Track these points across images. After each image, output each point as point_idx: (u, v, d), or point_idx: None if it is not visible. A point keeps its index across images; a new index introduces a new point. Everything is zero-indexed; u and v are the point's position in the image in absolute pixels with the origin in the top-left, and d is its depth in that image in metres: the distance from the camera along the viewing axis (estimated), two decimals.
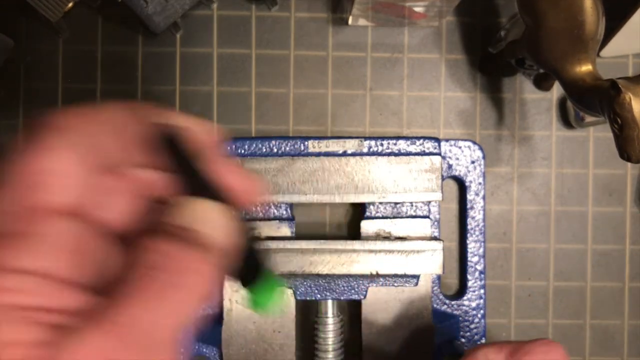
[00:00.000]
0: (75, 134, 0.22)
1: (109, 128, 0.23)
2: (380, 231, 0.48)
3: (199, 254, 0.21)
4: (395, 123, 0.51)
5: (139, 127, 0.23)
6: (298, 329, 0.50)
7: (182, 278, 0.21)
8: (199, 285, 0.21)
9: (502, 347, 0.37)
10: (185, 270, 0.21)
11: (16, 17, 0.50)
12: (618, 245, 0.52)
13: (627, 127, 0.35)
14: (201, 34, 0.51)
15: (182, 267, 0.21)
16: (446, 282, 0.52)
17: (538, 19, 0.40)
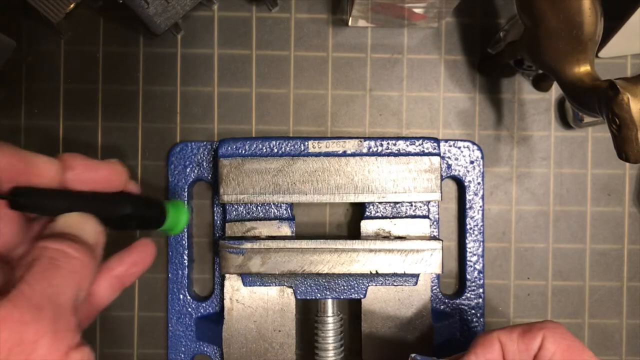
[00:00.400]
0: None
1: None
2: (380, 231, 0.49)
3: (75, 246, 0.29)
4: (394, 123, 0.52)
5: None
6: (298, 328, 0.51)
7: (67, 261, 0.28)
8: (80, 267, 0.28)
9: (513, 330, 0.38)
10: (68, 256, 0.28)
11: (18, 17, 0.50)
12: (616, 245, 0.52)
13: (625, 127, 0.35)
14: (202, 34, 0.51)
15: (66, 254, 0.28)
16: (445, 281, 0.52)
17: (537, 19, 0.40)
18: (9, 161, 0.29)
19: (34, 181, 0.30)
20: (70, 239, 0.29)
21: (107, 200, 0.34)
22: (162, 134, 0.51)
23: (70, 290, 0.28)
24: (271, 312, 0.48)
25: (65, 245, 0.28)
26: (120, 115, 0.51)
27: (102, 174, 0.33)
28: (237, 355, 0.48)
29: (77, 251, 0.29)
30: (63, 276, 0.27)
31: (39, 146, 0.51)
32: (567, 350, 0.37)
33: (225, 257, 0.46)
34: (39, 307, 0.26)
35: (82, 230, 0.31)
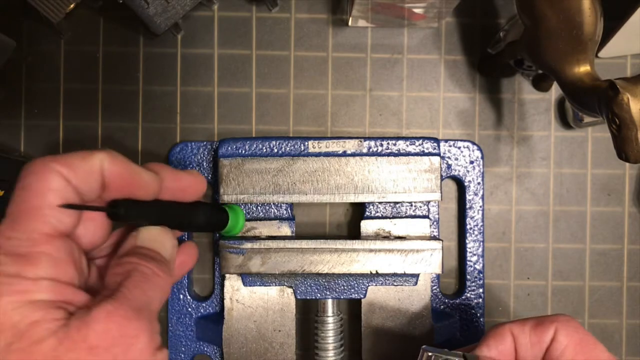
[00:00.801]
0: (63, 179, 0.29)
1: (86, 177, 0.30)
2: (380, 231, 0.49)
3: (161, 266, 0.32)
4: (394, 123, 0.52)
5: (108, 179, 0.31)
6: (298, 328, 0.51)
7: (155, 278, 0.31)
8: (163, 284, 0.32)
9: (525, 322, 0.38)
10: (156, 275, 0.31)
11: (18, 17, 0.50)
12: (616, 244, 0.52)
13: (625, 127, 0.35)
14: (202, 35, 0.51)
15: (155, 273, 0.31)
16: (445, 281, 0.52)
17: (537, 19, 0.41)
18: (120, 173, 0.31)
19: (137, 194, 0.32)
20: (153, 257, 0.32)
21: (187, 210, 0.36)
22: (162, 134, 0.51)
23: (157, 302, 0.31)
24: (271, 312, 0.48)
25: (153, 266, 0.31)
26: (120, 115, 0.51)
27: (186, 183, 0.35)
28: (237, 355, 0.48)
29: (162, 271, 0.32)
30: (152, 289, 0.30)
31: (39, 146, 0.51)
32: (579, 343, 0.37)
33: (225, 257, 0.46)
34: (138, 309, 0.29)
35: (163, 247, 0.33)
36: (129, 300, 0.29)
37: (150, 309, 0.30)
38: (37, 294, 0.27)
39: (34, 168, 0.29)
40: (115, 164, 0.30)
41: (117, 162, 0.31)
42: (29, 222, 0.28)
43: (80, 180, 0.29)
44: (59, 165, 0.29)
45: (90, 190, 0.30)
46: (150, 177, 0.32)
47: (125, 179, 0.31)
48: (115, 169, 0.30)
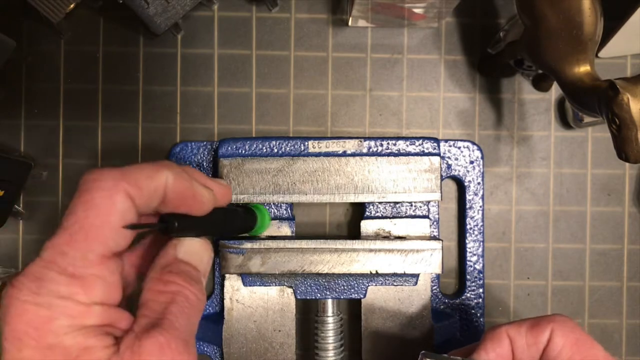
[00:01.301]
0: (129, 200, 0.29)
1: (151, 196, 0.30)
2: (380, 231, 0.49)
3: (199, 287, 0.32)
4: (394, 123, 0.52)
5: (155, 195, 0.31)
6: (298, 328, 0.51)
7: (197, 302, 0.31)
8: (202, 305, 0.32)
9: (521, 324, 0.38)
10: (198, 298, 0.31)
11: (18, 17, 0.50)
12: (616, 244, 0.52)
13: (625, 127, 0.35)
14: (202, 34, 0.51)
15: (197, 297, 0.31)
16: (445, 281, 0.52)
17: (537, 19, 0.41)
18: (181, 191, 0.31)
19: (194, 210, 0.32)
20: (193, 277, 0.31)
21: (225, 217, 0.36)
22: (162, 134, 0.51)
23: (197, 325, 0.31)
24: (271, 312, 0.48)
25: (197, 290, 0.31)
26: (120, 115, 0.51)
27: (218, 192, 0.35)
28: (237, 355, 0.48)
29: (202, 292, 0.31)
30: (196, 315, 0.30)
31: (39, 146, 0.51)
32: (575, 343, 0.37)
33: (225, 257, 0.46)
34: (186, 340, 0.29)
35: (201, 261, 0.33)
36: (178, 331, 0.29)
37: (193, 337, 0.30)
38: (89, 319, 0.27)
39: (103, 184, 0.28)
40: (179, 182, 0.31)
41: (181, 180, 0.31)
42: (87, 241, 0.28)
43: (144, 200, 0.29)
44: (128, 185, 0.28)
45: (150, 208, 0.30)
46: (207, 194, 0.32)
47: (186, 197, 0.31)
48: (179, 188, 0.30)
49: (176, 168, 0.31)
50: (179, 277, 0.31)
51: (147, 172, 0.29)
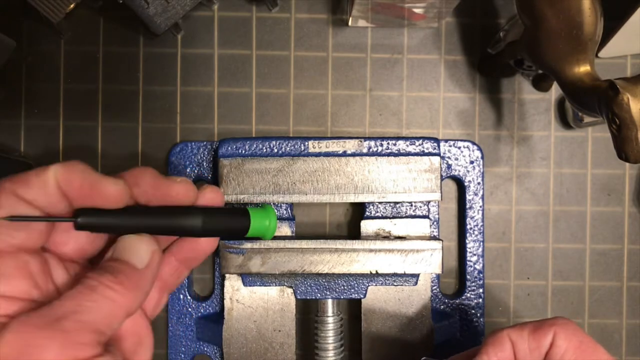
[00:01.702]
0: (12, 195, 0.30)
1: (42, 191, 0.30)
2: (380, 231, 0.49)
3: (112, 277, 0.30)
4: (394, 123, 0.52)
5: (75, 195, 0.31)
6: (298, 328, 0.51)
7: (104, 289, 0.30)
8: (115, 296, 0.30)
9: (523, 327, 0.38)
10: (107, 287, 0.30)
11: (18, 17, 0.50)
12: (616, 244, 0.52)
13: (625, 127, 0.35)
14: (202, 34, 0.51)
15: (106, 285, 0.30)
16: (445, 281, 0.52)
17: (537, 20, 0.41)
18: (76, 184, 0.30)
19: (99, 203, 0.31)
20: (115, 269, 0.31)
21: (176, 215, 0.34)
22: (162, 134, 0.51)
23: (99, 313, 0.29)
24: (271, 312, 0.48)
25: (107, 278, 0.30)
26: (120, 115, 0.51)
27: (170, 192, 0.34)
28: (237, 355, 0.48)
29: (119, 283, 0.30)
30: (95, 301, 0.29)
31: (39, 146, 0.51)
32: (579, 347, 0.36)
33: (225, 257, 0.46)
34: (58, 318, 0.28)
35: (134, 255, 0.32)
36: (51, 310, 0.28)
37: (81, 319, 0.28)
38: None
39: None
40: (71, 175, 0.30)
41: (73, 172, 0.30)
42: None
43: (35, 195, 0.30)
44: (9, 183, 0.29)
45: (51, 203, 0.30)
46: (115, 186, 0.31)
47: (84, 190, 0.30)
48: (71, 180, 0.30)
49: (72, 164, 0.31)
50: (95, 271, 0.30)
51: (36, 170, 0.30)
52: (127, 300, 0.30)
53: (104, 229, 0.32)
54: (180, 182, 0.34)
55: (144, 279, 0.32)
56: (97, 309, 0.29)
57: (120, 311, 0.30)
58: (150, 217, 0.33)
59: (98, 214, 0.31)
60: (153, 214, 0.33)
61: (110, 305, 0.30)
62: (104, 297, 0.29)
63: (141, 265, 0.32)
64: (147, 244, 0.32)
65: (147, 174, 0.33)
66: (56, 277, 0.32)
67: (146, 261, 0.32)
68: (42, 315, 0.28)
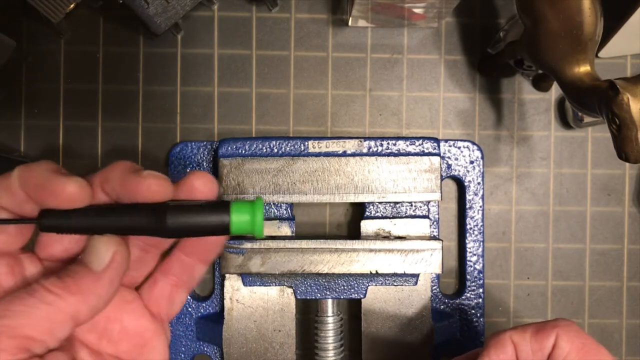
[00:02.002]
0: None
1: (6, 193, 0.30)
2: (380, 231, 0.49)
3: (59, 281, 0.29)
4: (394, 123, 0.52)
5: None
6: (298, 328, 0.51)
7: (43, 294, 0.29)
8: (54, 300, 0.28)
9: (525, 329, 0.38)
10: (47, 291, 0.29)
11: (18, 17, 0.50)
12: (616, 244, 0.52)
13: (625, 127, 0.35)
14: (202, 34, 0.51)
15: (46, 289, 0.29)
16: (445, 281, 0.52)
17: (537, 20, 0.41)
18: (34, 184, 0.29)
19: (59, 203, 0.30)
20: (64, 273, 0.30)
21: (144, 213, 0.31)
22: (162, 134, 0.51)
23: (30, 318, 0.28)
24: (271, 312, 0.48)
25: (49, 282, 0.29)
26: (120, 115, 0.51)
27: (139, 188, 0.31)
28: (237, 355, 0.48)
29: (60, 287, 0.29)
30: (30, 304, 0.28)
31: (39, 146, 0.51)
32: (581, 349, 0.36)
33: (225, 257, 0.46)
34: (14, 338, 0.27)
35: (93, 256, 0.30)
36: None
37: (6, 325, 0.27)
38: None
39: None
40: (29, 174, 0.29)
41: (32, 172, 0.30)
42: None
43: (1, 196, 0.30)
44: None
45: (17, 205, 0.30)
46: (72, 185, 0.29)
47: (39, 190, 0.29)
48: (28, 180, 0.29)
49: (32, 165, 0.30)
50: (48, 277, 0.29)
51: (4, 174, 0.30)
52: (69, 305, 0.29)
53: (70, 229, 0.31)
54: (149, 177, 0.31)
55: (100, 282, 0.30)
56: (29, 314, 0.28)
57: (60, 316, 0.29)
58: (109, 216, 0.31)
59: (59, 215, 0.30)
60: (113, 213, 0.31)
61: (47, 310, 0.28)
62: (40, 302, 0.28)
63: (98, 268, 0.30)
64: (107, 244, 0.31)
65: (117, 169, 0.31)
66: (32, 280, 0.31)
67: (104, 263, 0.30)
68: None
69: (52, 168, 0.30)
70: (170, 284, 0.34)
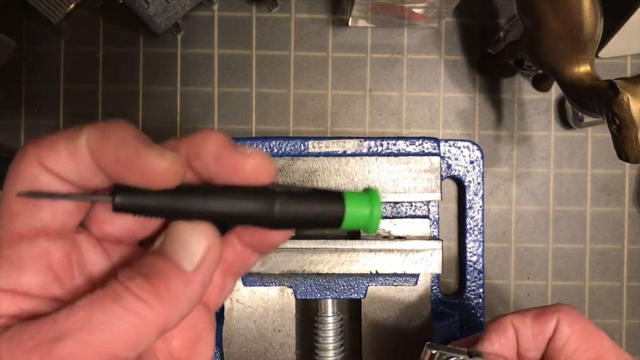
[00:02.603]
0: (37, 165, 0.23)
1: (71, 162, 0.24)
2: (380, 231, 0.49)
3: (145, 283, 0.23)
4: (394, 123, 0.52)
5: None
6: (298, 328, 0.51)
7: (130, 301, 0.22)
8: (144, 310, 0.22)
9: (526, 313, 0.37)
10: (136, 298, 0.22)
11: (18, 17, 0.50)
12: (616, 244, 0.52)
13: (625, 127, 0.35)
14: (202, 34, 0.51)
15: (135, 296, 0.22)
16: (445, 281, 0.52)
17: (537, 20, 0.41)
18: (112, 155, 0.23)
19: (142, 181, 0.23)
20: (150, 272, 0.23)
21: (241, 199, 0.26)
22: (162, 134, 0.51)
23: (116, 333, 0.22)
24: (271, 312, 0.48)
25: (135, 284, 0.23)
26: (120, 115, 0.51)
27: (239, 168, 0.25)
28: (237, 355, 0.48)
29: (150, 292, 0.23)
30: (115, 314, 0.22)
31: None
32: (582, 333, 0.36)
33: None
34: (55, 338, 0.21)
35: (183, 250, 0.24)
36: (52, 324, 0.22)
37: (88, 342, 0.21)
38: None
39: (17, 155, 0.24)
40: (107, 143, 0.23)
41: (109, 140, 0.23)
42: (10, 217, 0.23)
43: (64, 165, 0.23)
44: (34, 147, 0.23)
45: (83, 177, 0.23)
46: (162, 161, 0.23)
47: (121, 164, 0.23)
48: (106, 151, 0.23)
49: (110, 127, 0.23)
50: (132, 276, 0.23)
51: (67, 133, 0.24)
52: (160, 317, 0.23)
53: (150, 212, 0.24)
54: (255, 155, 0.26)
55: (192, 286, 0.24)
56: (113, 326, 0.22)
57: (149, 329, 0.23)
58: (207, 200, 0.25)
59: (140, 195, 0.24)
60: (211, 196, 0.25)
61: (135, 323, 0.22)
62: (127, 311, 0.22)
63: (190, 267, 0.24)
64: (201, 235, 0.24)
65: (211, 142, 0.25)
66: (91, 267, 0.25)
67: (197, 260, 0.24)
68: (37, 330, 0.21)
69: (134, 134, 0.23)
70: (223, 269, 0.28)
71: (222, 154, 0.25)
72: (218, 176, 0.25)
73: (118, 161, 0.23)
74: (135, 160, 0.23)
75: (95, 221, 0.26)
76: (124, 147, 0.23)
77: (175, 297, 0.23)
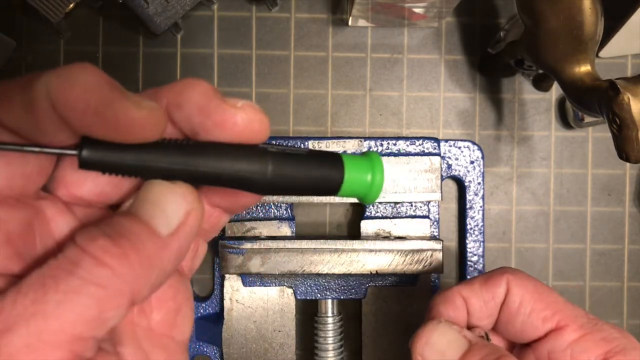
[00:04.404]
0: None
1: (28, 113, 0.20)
2: (380, 231, 0.49)
3: (111, 248, 0.19)
4: (394, 123, 0.52)
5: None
6: (298, 328, 0.51)
7: (91, 270, 0.19)
8: (109, 279, 0.19)
9: (473, 281, 0.35)
10: (98, 264, 0.19)
11: (17, 17, 0.50)
12: (617, 245, 0.52)
13: (626, 127, 0.35)
14: (202, 34, 0.51)
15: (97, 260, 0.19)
16: (445, 281, 0.52)
17: (537, 19, 0.40)
18: (83, 105, 0.19)
19: (117, 135, 0.20)
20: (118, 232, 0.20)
21: (231, 157, 0.22)
22: None
23: (76, 311, 0.18)
24: (271, 312, 0.48)
25: (98, 246, 0.19)
26: None
27: (227, 121, 0.22)
28: (237, 355, 0.48)
29: (117, 255, 0.19)
30: (73, 288, 0.18)
31: None
32: (535, 291, 0.34)
33: (225, 257, 0.46)
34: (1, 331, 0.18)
35: (159, 211, 0.21)
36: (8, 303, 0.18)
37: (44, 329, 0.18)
38: None
39: None
40: (71, 91, 0.19)
41: (74, 88, 0.19)
42: None
43: (19, 119, 0.20)
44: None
45: (45, 133, 0.20)
46: (140, 111, 0.20)
47: (90, 115, 0.19)
48: (70, 100, 0.19)
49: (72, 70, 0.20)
50: (95, 236, 0.19)
51: (23, 81, 0.20)
52: (127, 285, 0.19)
53: (123, 169, 0.21)
54: (246, 107, 0.23)
55: (166, 251, 0.20)
56: (74, 306, 0.18)
57: (116, 301, 0.19)
58: (189, 157, 0.22)
59: (112, 149, 0.21)
60: (194, 154, 0.22)
61: (98, 295, 0.18)
62: (87, 283, 0.18)
63: (166, 231, 0.20)
64: (180, 197, 0.21)
65: (196, 91, 0.21)
66: (60, 237, 0.22)
67: (175, 224, 0.21)
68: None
69: (104, 80, 0.20)
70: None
71: (209, 105, 0.21)
72: (203, 131, 0.22)
73: (86, 112, 0.19)
74: (106, 110, 0.19)
75: (61, 183, 0.22)
76: (93, 95, 0.19)
77: (146, 262, 0.20)
